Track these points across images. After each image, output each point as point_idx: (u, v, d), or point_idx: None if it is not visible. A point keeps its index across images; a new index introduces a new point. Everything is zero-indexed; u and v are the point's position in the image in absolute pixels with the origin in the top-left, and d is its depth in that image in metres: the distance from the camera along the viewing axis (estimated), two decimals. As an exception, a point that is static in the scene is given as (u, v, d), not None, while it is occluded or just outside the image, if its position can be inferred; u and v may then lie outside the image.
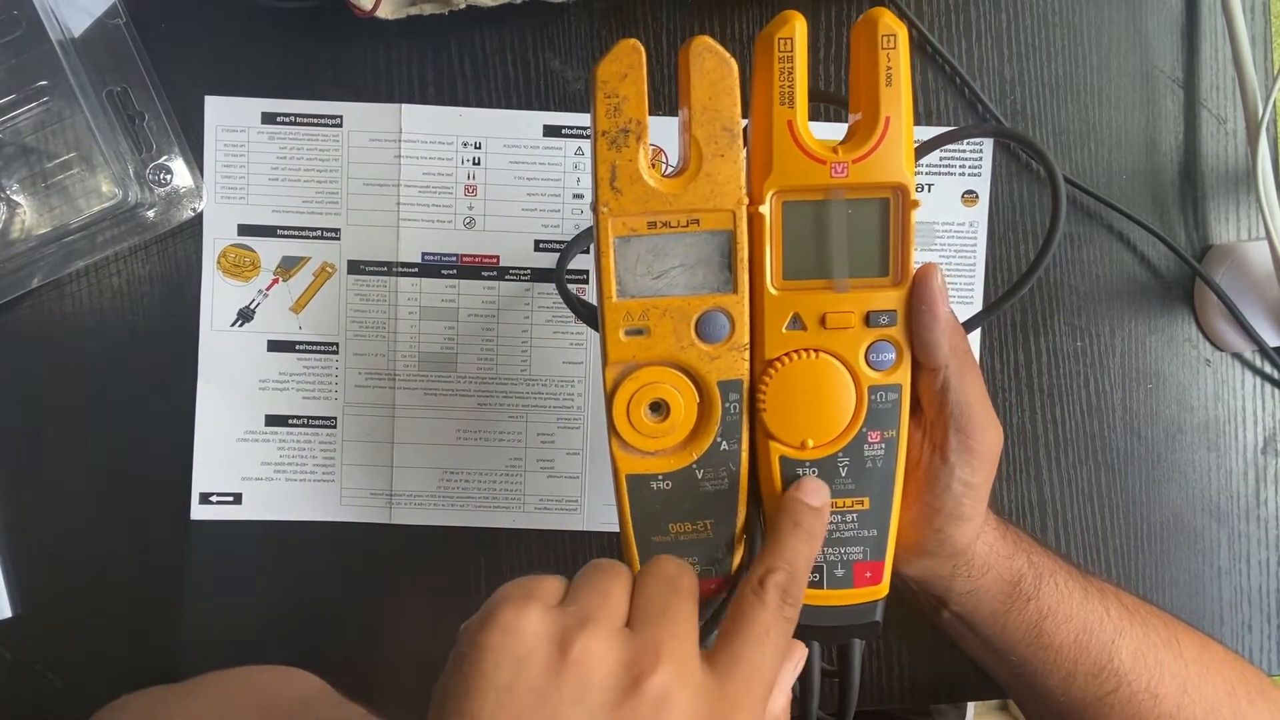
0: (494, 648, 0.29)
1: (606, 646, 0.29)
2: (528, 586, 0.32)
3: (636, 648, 0.30)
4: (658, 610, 0.31)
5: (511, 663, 0.29)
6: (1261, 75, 0.54)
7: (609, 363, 0.36)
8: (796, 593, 0.33)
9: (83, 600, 0.55)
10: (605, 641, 0.29)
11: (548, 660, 0.29)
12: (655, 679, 0.29)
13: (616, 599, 0.31)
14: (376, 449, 0.56)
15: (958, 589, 0.43)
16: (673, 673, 0.29)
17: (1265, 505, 0.58)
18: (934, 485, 0.39)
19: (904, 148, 0.35)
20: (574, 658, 0.29)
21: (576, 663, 0.29)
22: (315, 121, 0.55)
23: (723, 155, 0.34)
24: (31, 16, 0.51)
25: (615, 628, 0.30)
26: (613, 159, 0.34)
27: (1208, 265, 0.57)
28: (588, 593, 0.31)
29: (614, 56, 0.33)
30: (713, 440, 0.37)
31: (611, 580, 0.32)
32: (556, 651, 0.29)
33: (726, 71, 0.34)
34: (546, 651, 0.29)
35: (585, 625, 0.30)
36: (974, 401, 0.38)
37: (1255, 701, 0.46)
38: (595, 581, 0.32)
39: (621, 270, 0.35)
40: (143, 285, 0.55)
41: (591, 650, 0.29)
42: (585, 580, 0.32)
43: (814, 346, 0.37)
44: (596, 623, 0.30)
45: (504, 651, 0.29)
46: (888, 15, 0.35)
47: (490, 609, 0.31)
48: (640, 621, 0.31)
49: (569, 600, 0.31)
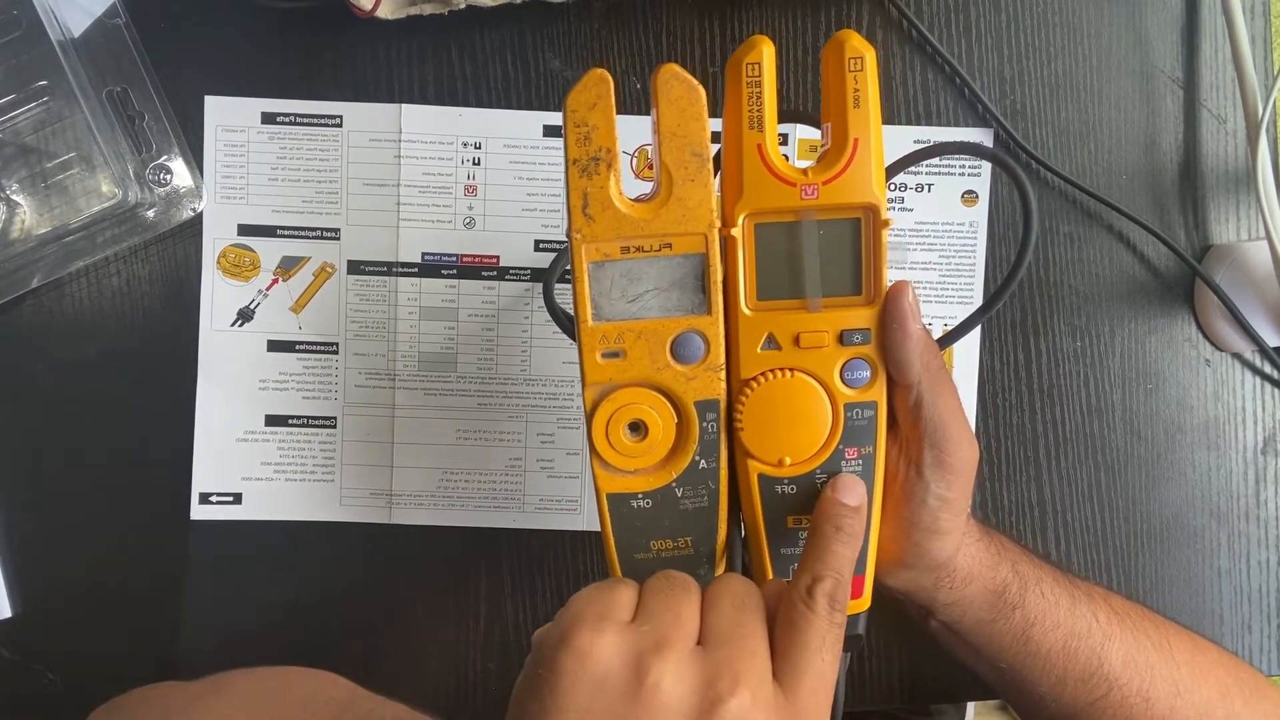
0: (571, 671, 0.30)
1: (682, 670, 0.30)
2: (602, 603, 0.32)
3: (711, 670, 0.30)
4: (729, 629, 0.31)
5: (589, 686, 0.30)
6: (1261, 75, 0.54)
7: (587, 384, 0.37)
8: (844, 598, 0.33)
9: (83, 600, 0.55)
10: (681, 664, 0.30)
11: (625, 684, 0.30)
12: (733, 702, 0.29)
13: (689, 618, 0.32)
14: (376, 449, 0.56)
15: (941, 599, 0.43)
16: (748, 695, 0.30)
17: (1265, 505, 0.58)
18: (910, 500, 0.39)
19: (873, 168, 0.36)
20: (650, 683, 0.29)
21: (653, 688, 0.29)
22: (315, 121, 0.55)
23: (693, 180, 0.35)
24: (31, 16, 0.51)
25: (689, 649, 0.31)
26: (584, 186, 0.35)
27: (1208, 265, 0.57)
28: (660, 610, 0.32)
29: (583, 86, 0.34)
30: (691, 459, 0.37)
31: (683, 598, 0.32)
32: (633, 675, 0.30)
33: (694, 98, 0.35)
34: (623, 675, 0.30)
35: (660, 649, 0.30)
36: (948, 417, 0.38)
37: (1251, 702, 0.46)
38: (668, 599, 0.32)
39: (596, 295, 0.36)
40: (143, 285, 0.55)
41: (668, 674, 0.30)
42: (658, 597, 0.32)
43: (789, 366, 0.37)
44: (671, 645, 0.30)
45: (581, 675, 0.30)
46: (855, 38, 0.35)
47: (566, 628, 0.31)
48: (713, 641, 0.31)
49: (642, 617, 0.32)
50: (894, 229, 0.56)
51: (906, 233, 0.57)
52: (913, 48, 0.56)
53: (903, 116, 0.56)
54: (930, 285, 0.57)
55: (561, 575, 0.57)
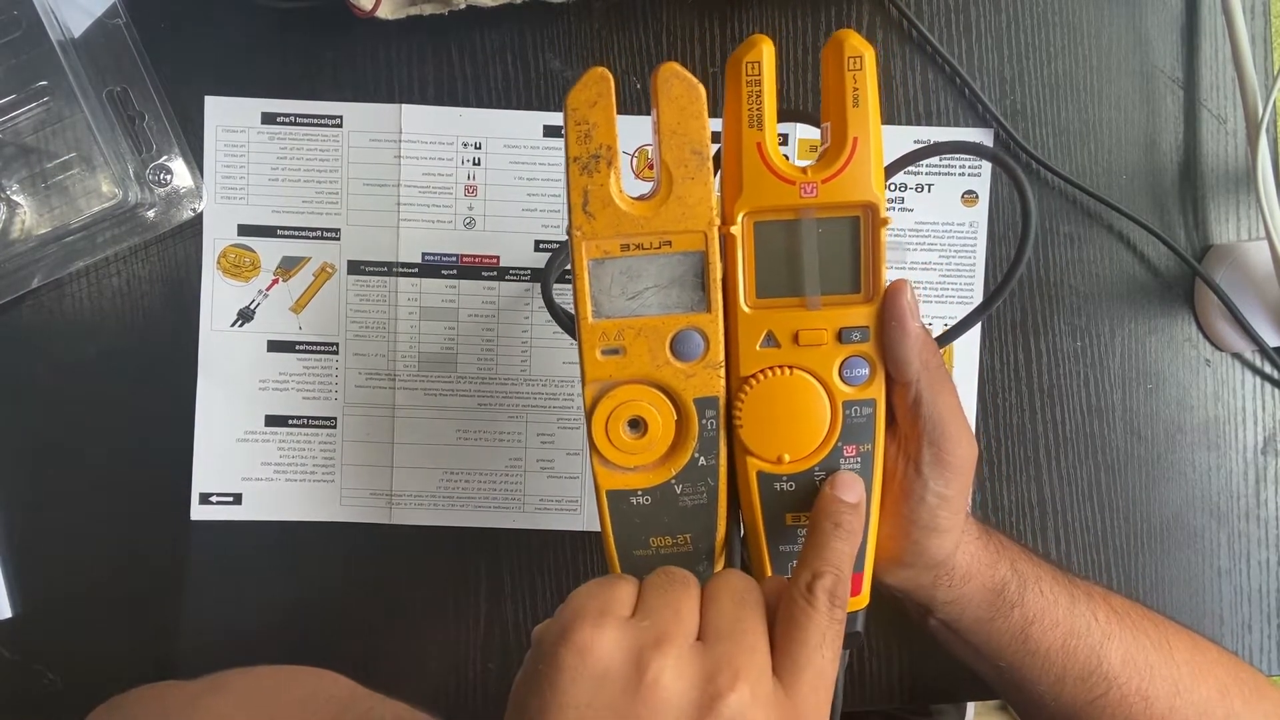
0: (571, 666, 0.30)
1: (682, 665, 0.30)
2: (602, 599, 0.32)
3: (711, 666, 0.30)
4: (729, 625, 0.32)
5: (589, 682, 0.30)
6: (1261, 75, 0.54)
7: (587, 381, 0.37)
8: (844, 594, 0.33)
9: (83, 600, 0.55)
10: (680, 660, 0.30)
11: (625, 680, 0.30)
12: (732, 697, 0.29)
13: (688, 613, 0.32)
14: (376, 449, 0.56)
15: (940, 598, 0.43)
16: (748, 690, 0.30)
17: (1265, 505, 0.58)
18: (909, 498, 0.39)
19: (872, 167, 0.36)
20: (650, 678, 0.30)
21: (653, 683, 0.29)
22: (315, 121, 0.55)
23: (693, 178, 0.35)
24: (31, 16, 0.52)
25: (689, 645, 0.31)
26: (585, 184, 0.35)
27: (1208, 265, 0.57)
28: (660, 607, 0.32)
29: (583, 84, 0.34)
30: (690, 456, 0.37)
31: (682, 594, 0.32)
32: (633, 671, 0.30)
33: (694, 96, 0.35)
34: (623, 671, 0.30)
35: (660, 644, 0.30)
36: (947, 415, 0.38)
37: (1250, 701, 0.46)
38: (668, 595, 0.32)
39: (596, 292, 0.36)
40: (143, 285, 0.55)
41: (667, 669, 0.30)
42: (657, 592, 0.33)
43: (788, 363, 0.37)
44: (671, 641, 0.30)
45: (581, 670, 0.30)
46: (854, 37, 0.35)
47: (566, 624, 0.31)
48: (713, 636, 0.31)
49: (641, 613, 0.32)
50: (894, 229, 0.56)
51: (906, 233, 0.57)
52: (913, 48, 0.56)
53: (903, 116, 0.56)
54: (930, 285, 0.57)
55: (561, 575, 0.57)
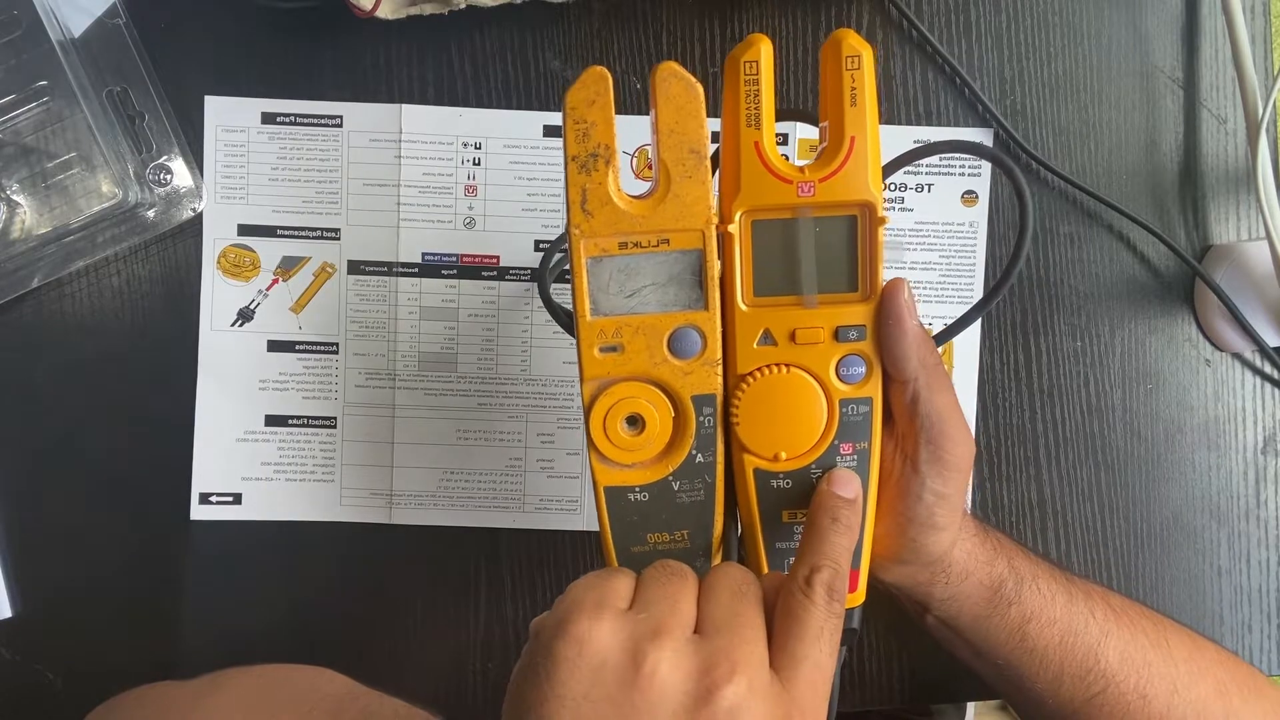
0: (568, 659, 0.30)
1: (679, 657, 0.30)
2: (600, 591, 0.32)
3: (708, 658, 0.30)
4: (726, 617, 0.32)
5: (586, 674, 0.30)
6: (1261, 75, 0.54)
7: (585, 379, 0.37)
8: (841, 588, 0.33)
9: (83, 600, 0.55)
10: (677, 652, 0.30)
11: (622, 672, 0.30)
12: (729, 689, 0.29)
13: (686, 606, 0.32)
14: (376, 449, 0.56)
15: (937, 595, 0.43)
16: (745, 683, 0.30)
17: (1265, 505, 0.58)
18: (906, 495, 0.39)
19: (870, 166, 0.36)
20: (647, 670, 0.30)
21: (650, 675, 0.30)
22: (315, 121, 0.55)
23: (690, 176, 0.35)
24: (31, 16, 0.52)
25: (686, 637, 0.31)
26: (583, 183, 0.35)
27: (1208, 265, 0.57)
28: (658, 599, 0.32)
29: (582, 84, 0.35)
30: (688, 453, 0.37)
31: (680, 586, 0.33)
32: (630, 663, 0.30)
33: (692, 96, 0.35)
34: (620, 663, 0.30)
35: (657, 636, 0.30)
36: (944, 413, 0.39)
37: (1249, 700, 0.46)
38: (665, 588, 0.32)
39: (594, 289, 0.36)
40: (143, 285, 0.55)
41: (664, 661, 0.30)
42: (655, 585, 0.33)
43: (785, 361, 0.37)
44: (668, 633, 0.31)
45: (578, 663, 0.30)
46: (852, 37, 0.35)
47: (563, 616, 0.31)
48: (710, 629, 0.31)
49: (639, 605, 0.32)
50: (894, 228, 0.56)
51: (906, 233, 0.57)
52: (913, 48, 0.56)
53: (903, 116, 0.56)
54: (930, 285, 0.57)
55: (561, 575, 0.57)
